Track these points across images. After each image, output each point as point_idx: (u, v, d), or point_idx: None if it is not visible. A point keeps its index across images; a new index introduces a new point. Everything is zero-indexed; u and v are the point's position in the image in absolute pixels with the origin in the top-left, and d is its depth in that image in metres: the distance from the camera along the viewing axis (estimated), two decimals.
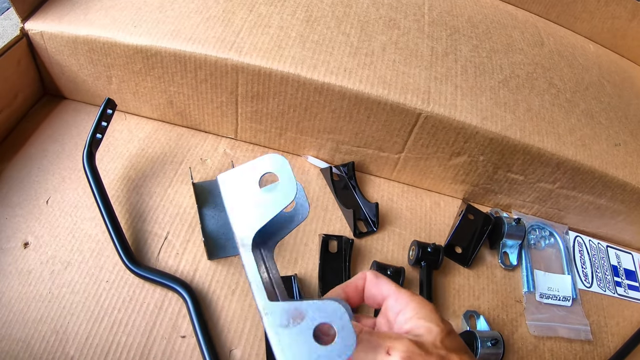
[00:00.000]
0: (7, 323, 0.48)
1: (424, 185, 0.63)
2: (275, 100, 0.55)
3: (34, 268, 0.52)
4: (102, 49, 0.58)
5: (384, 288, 0.31)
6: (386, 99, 0.53)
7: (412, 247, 0.56)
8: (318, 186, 0.60)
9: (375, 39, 0.57)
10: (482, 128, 0.54)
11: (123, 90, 0.62)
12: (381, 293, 0.31)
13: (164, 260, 0.53)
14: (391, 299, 0.30)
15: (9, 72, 0.63)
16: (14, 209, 0.57)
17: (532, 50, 0.67)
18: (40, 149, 0.63)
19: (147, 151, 0.61)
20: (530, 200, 0.62)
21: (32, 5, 0.62)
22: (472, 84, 0.58)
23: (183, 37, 0.55)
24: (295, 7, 0.59)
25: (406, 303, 0.29)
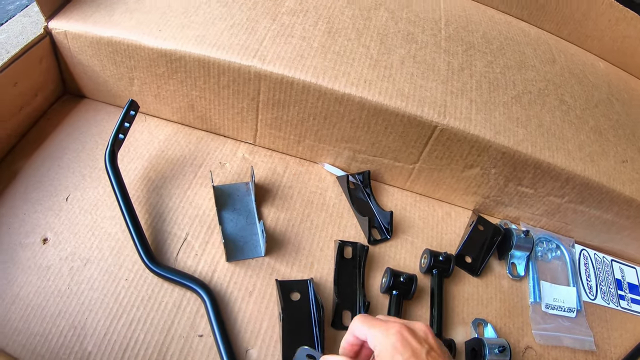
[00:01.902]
0: (25, 317, 0.51)
1: (436, 196, 0.67)
2: (295, 108, 0.59)
3: (53, 264, 0.55)
4: (126, 51, 0.61)
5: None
6: (404, 111, 0.57)
7: (424, 255, 0.59)
8: (334, 193, 0.64)
9: (394, 52, 0.61)
10: (495, 142, 0.58)
11: (144, 92, 0.65)
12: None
13: (182, 261, 0.56)
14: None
15: (30, 70, 0.66)
16: (33, 205, 0.60)
17: (544, 67, 0.71)
18: (60, 147, 0.66)
19: (167, 153, 0.64)
20: (539, 214, 0.66)
21: (57, 5, 0.66)
22: (486, 99, 0.61)
23: (208, 42, 0.59)
24: (317, 19, 0.63)
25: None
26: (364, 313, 0.38)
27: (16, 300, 0.52)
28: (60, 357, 0.48)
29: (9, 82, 0.62)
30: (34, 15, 0.75)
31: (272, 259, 0.56)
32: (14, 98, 0.65)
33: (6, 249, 0.56)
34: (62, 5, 0.66)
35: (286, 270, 0.56)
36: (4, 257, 0.55)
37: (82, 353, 0.49)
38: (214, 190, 0.59)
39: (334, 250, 0.58)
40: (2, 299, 0.52)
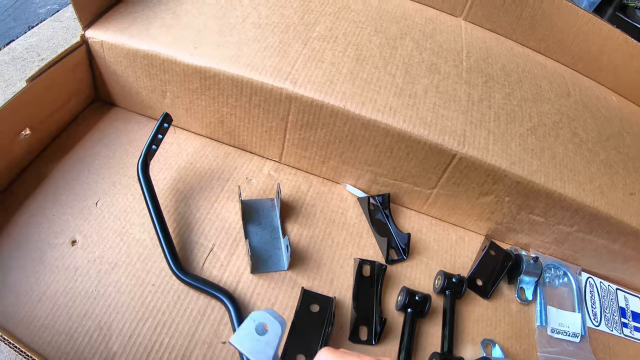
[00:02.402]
0: (51, 315, 0.56)
1: (451, 220, 0.74)
2: (323, 130, 0.65)
3: (81, 265, 0.61)
4: (161, 65, 0.68)
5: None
6: (426, 139, 0.63)
7: (437, 276, 0.66)
8: (355, 213, 0.70)
9: (418, 82, 0.68)
10: (510, 172, 0.64)
11: (176, 105, 0.72)
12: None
13: (208, 270, 0.62)
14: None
15: (65, 76, 0.72)
16: (62, 207, 0.66)
17: (559, 100, 0.78)
18: (91, 153, 0.73)
19: (196, 165, 0.71)
20: (549, 241, 0.72)
21: (94, 14, 0.72)
22: (503, 130, 0.68)
23: (242, 62, 0.65)
24: (346, 45, 0.70)
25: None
26: (332, 348, 0.38)
27: (43, 298, 0.57)
28: (85, 356, 0.53)
29: (45, 87, 0.68)
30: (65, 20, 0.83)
31: (294, 273, 0.62)
32: (48, 102, 0.71)
33: (34, 247, 0.61)
34: (99, 16, 0.73)
35: (307, 284, 0.62)
36: (32, 255, 0.61)
37: (107, 353, 0.54)
38: (242, 204, 0.66)
39: (353, 268, 0.64)
40: (29, 296, 0.57)
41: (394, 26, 0.77)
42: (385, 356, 0.41)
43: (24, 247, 0.61)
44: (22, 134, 0.67)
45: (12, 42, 0.91)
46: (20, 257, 0.60)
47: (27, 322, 0.55)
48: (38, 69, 0.67)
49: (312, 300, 0.59)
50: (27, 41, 0.90)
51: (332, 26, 0.73)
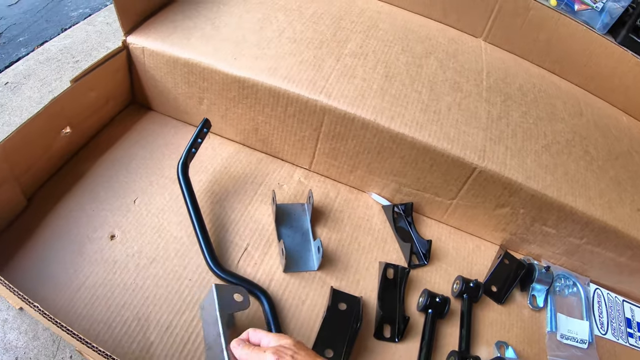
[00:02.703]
0: (90, 305, 0.62)
1: (468, 230, 0.81)
2: (353, 141, 0.73)
3: (120, 259, 0.67)
4: (201, 73, 0.75)
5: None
6: (449, 153, 0.70)
7: (456, 281, 0.73)
8: (379, 220, 0.78)
9: (442, 99, 0.76)
10: (526, 185, 0.71)
11: (212, 112, 0.79)
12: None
13: (242, 268, 0.69)
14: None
15: (106, 79, 0.79)
16: (101, 204, 0.73)
17: (572, 119, 0.85)
18: (128, 153, 0.79)
19: (230, 170, 0.78)
20: (559, 252, 0.80)
21: (136, 22, 0.79)
22: (520, 146, 0.75)
23: (279, 75, 0.73)
24: (375, 63, 0.78)
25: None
26: (299, 348, 0.50)
27: (81, 289, 0.63)
28: (123, 345, 0.59)
29: (87, 88, 0.75)
30: (98, 24, 0.89)
31: (323, 274, 0.69)
32: (89, 103, 0.78)
33: (74, 240, 0.68)
34: (140, 23, 0.80)
35: (335, 285, 0.68)
36: (71, 247, 0.67)
37: (144, 342, 0.60)
38: (276, 208, 0.73)
39: (378, 270, 0.71)
40: (67, 287, 0.63)
41: (419, 46, 0.85)
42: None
43: (64, 239, 0.67)
44: (62, 132, 0.74)
45: (46, 43, 0.98)
46: (59, 248, 0.66)
47: (66, 310, 0.61)
48: (82, 71, 0.74)
49: (340, 299, 0.66)
50: (61, 43, 0.97)
51: (363, 44, 0.81)
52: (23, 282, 0.62)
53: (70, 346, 0.65)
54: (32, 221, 0.69)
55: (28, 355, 0.63)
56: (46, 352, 0.64)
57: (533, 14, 0.91)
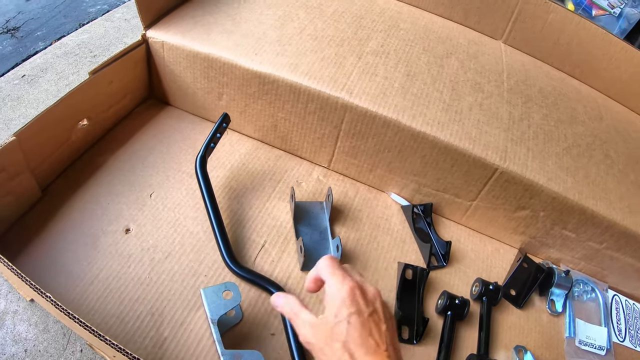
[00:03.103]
0: (103, 298, 0.61)
1: (487, 232, 0.79)
2: (374, 140, 0.72)
3: (134, 253, 0.66)
4: (221, 68, 0.74)
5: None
6: (470, 153, 0.69)
7: (475, 283, 0.71)
8: (398, 220, 0.76)
9: (463, 99, 0.75)
10: (547, 188, 0.70)
11: (231, 107, 0.78)
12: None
13: (259, 265, 0.68)
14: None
15: (125, 73, 0.79)
16: (117, 197, 0.72)
17: (592, 123, 0.84)
18: (145, 147, 0.79)
19: (248, 166, 0.77)
20: (579, 257, 0.78)
21: (156, 16, 0.79)
22: (541, 148, 0.74)
23: (300, 71, 0.72)
24: (397, 61, 0.77)
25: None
26: (343, 266, 0.46)
27: (94, 282, 0.62)
28: (136, 340, 0.58)
29: (105, 81, 0.75)
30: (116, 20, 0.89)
31: None
32: (107, 96, 0.77)
33: (88, 233, 0.67)
34: (160, 18, 0.80)
35: None
36: (85, 240, 0.66)
37: (157, 337, 0.59)
38: (295, 205, 0.72)
39: (396, 271, 0.69)
40: (80, 279, 0.62)
41: (440, 46, 0.84)
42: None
43: (78, 232, 0.67)
44: (80, 124, 0.73)
45: (64, 38, 0.97)
46: (73, 240, 0.66)
47: (78, 303, 0.60)
48: (101, 63, 0.74)
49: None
50: (79, 38, 0.97)
51: (384, 43, 0.80)
52: (35, 274, 0.61)
53: (81, 340, 0.64)
54: (46, 213, 0.68)
55: (38, 348, 0.62)
56: (56, 345, 0.63)
57: (553, 17, 0.90)
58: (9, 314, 0.64)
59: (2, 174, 0.63)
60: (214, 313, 0.56)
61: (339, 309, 0.41)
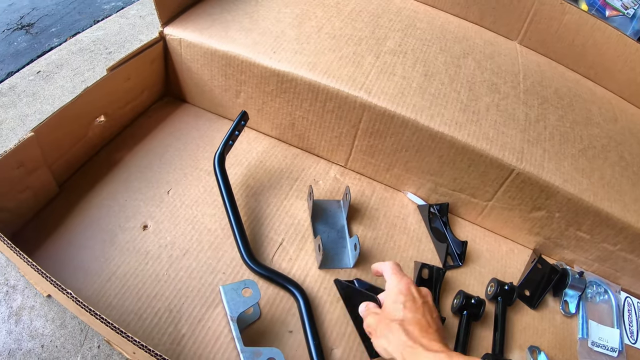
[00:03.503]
0: (120, 294, 0.61)
1: (502, 233, 0.79)
2: (391, 139, 0.71)
3: (152, 250, 0.66)
4: (239, 66, 0.74)
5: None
6: (487, 153, 0.69)
7: (490, 283, 0.71)
8: (415, 220, 0.76)
9: (480, 100, 0.74)
10: (563, 189, 0.70)
11: (249, 105, 0.78)
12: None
13: (277, 263, 0.68)
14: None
15: (142, 70, 0.79)
16: (134, 193, 0.72)
17: (607, 125, 0.84)
18: (162, 144, 0.78)
19: (265, 164, 0.77)
20: (592, 259, 0.78)
21: (173, 13, 0.79)
22: (557, 149, 0.74)
23: (319, 70, 0.71)
24: (414, 61, 0.76)
25: None
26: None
27: (112, 278, 0.62)
28: (154, 336, 0.58)
29: (123, 77, 0.75)
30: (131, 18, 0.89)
31: (358, 271, 0.68)
32: (124, 92, 0.77)
33: (105, 229, 0.67)
34: (177, 15, 0.80)
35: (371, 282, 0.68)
36: (103, 236, 0.66)
37: (175, 334, 0.59)
38: (313, 203, 0.71)
39: (413, 270, 0.70)
40: (98, 275, 0.62)
41: (457, 46, 0.84)
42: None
43: (95, 228, 0.67)
44: (97, 120, 0.73)
45: (79, 34, 0.97)
46: (90, 236, 0.66)
47: (96, 299, 0.60)
48: (118, 60, 0.73)
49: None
50: (94, 34, 0.96)
51: (401, 42, 0.80)
52: (52, 270, 0.60)
53: (98, 336, 0.65)
54: (63, 208, 0.68)
55: (55, 344, 0.63)
56: (73, 341, 0.63)
57: (569, 18, 0.90)
58: (26, 310, 0.64)
59: (20, 169, 0.63)
60: (233, 310, 0.56)
61: (396, 296, 0.52)
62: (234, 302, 0.57)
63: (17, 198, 0.63)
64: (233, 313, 0.56)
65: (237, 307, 0.57)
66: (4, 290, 0.66)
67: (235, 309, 0.57)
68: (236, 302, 0.57)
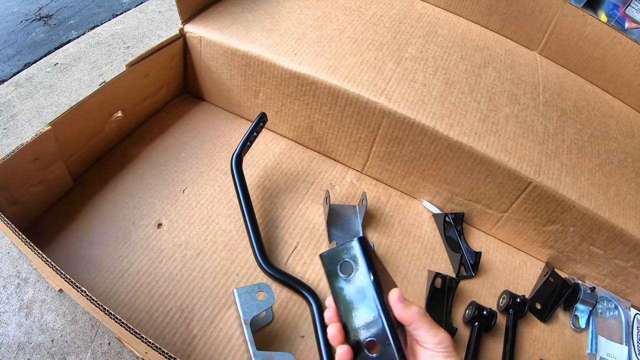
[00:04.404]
0: (133, 292, 0.60)
1: (515, 244, 0.78)
2: (410, 146, 0.70)
3: (166, 248, 0.65)
4: (259, 66, 0.73)
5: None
6: (505, 165, 0.68)
7: (502, 295, 0.70)
8: (429, 228, 0.75)
9: (500, 110, 0.73)
10: (578, 203, 0.69)
11: (267, 106, 0.77)
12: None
13: (291, 267, 0.67)
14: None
15: (161, 66, 0.78)
16: (149, 191, 0.71)
17: (625, 140, 0.83)
18: (179, 142, 0.77)
19: (282, 166, 0.76)
20: (604, 274, 0.77)
21: (194, 10, 0.78)
22: (574, 163, 0.73)
23: (340, 74, 0.70)
24: (435, 69, 0.75)
25: None
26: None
27: (125, 275, 0.61)
28: (165, 335, 0.57)
29: (142, 73, 0.74)
30: (150, 13, 0.88)
31: None
32: (143, 88, 0.76)
33: (119, 225, 0.66)
34: (198, 13, 0.78)
35: None
36: (116, 232, 0.65)
37: (187, 334, 0.58)
38: (329, 208, 0.70)
39: (425, 279, 0.69)
40: (110, 272, 0.61)
41: (478, 54, 0.83)
42: None
43: (109, 224, 0.66)
44: (114, 116, 0.72)
45: (97, 27, 0.96)
46: (103, 232, 0.65)
47: (108, 296, 0.60)
48: (138, 56, 0.72)
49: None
50: (113, 28, 0.95)
51: (422, 49, 0.78)
52: (64, 264, 0.60)
53: (109, 333, 0.64)
54: (77, 203, 0.68)
55: (65, 339, 0.62)
56: (84, 337, 0.62)
57: (590, 30, 0.88)
58: (37, 303, 0.64)
59: (36, 163, 0.62)
60: (246, 313, 0.55)
61: None
62: (248, 306, 0.56)
63: (31, 191, 0.63)
64: (247, 316, 0.55)
65: (250, 311, 0.56)
66: (16, 283, 0.65)
67: (249, 312, 0.56)
68: (250, 306, 0.56)
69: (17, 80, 0.90)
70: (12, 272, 0.66)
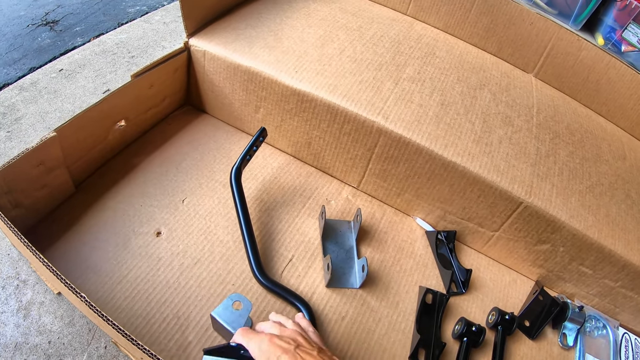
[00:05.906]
0: (130, 298, 0.63)
1: (506, 263, 0.82)
2: (405, 165, 0.74)
3: (164, 257, 0.68)
4: (261, 82, 0.77)
5: None
6: (497, 185, 0.71)
7: (492, 312, 0.73)
8: (422, 245, 0.79)
9: (494, 132, 0.77)
10: (569, 224, 0.72)
11: (267, 121, 0.80)
12: None
13: (286, 279, 0.70)
14: None
15: (165, 78, 0.81)
16: (149, 199, 0.74)
17: (616, 162, 0.86)
18: (180, 152, 0.81)
19: (280, 180, 0.79)
20: (593, 293, 0.80)
21: (200, 24, 0.81)
22: (565, 185, 0.77)
23: (339, 92, 0.74)
24: (432, 90, 0.79)
25: None
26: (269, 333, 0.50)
27: (123, 281, 0.64)
28: (161, 341, 0.60)
29: (146, 84, 0.78)
30: (155, 23, 0.91)
31: (364, 292, 0.70)
32: (147, 99, 0.80)
33: (119, 232, 0.69)
34: (203, 27, 0.82)
35: (375, 304, 0.69)
36: (116, 239, 0.68)
37: (182, 341, 0.61)
38: (325, 222, 0.73)
39: (417, 294, 0.72)
40: (109, 277, 0.64)
41: (474, 76, 0.87)
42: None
43: (109, 231, 0.69)
44: (117, 125, 0.76)
45: (102, 35, 1.00)
46: (103, 238, 0.68)
47: (106, 301, 0.62)
48: (143, 67, 0.76)
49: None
50: (118, 37, 0.99)
51: (420, 70, 0.82)
52: (63, 268, 0.64)
53: (106, 337, 0.66)
54: (78, 209, 0.71)
55: (62, 341, 0.65)
56: (80, 340, 0.65)
57: (585, 54, 0.93)
58: (35, 305, 0.66)
59: (40, 167, 0.65)
60: (235, 327, 0.56)
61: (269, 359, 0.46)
62: (232, 320, 0.56)
63: (34, 195, 0.66)
64: (235, 325, 0.56)
65: (236, 323, 0.56)
66: (15, 284, 0.68)
67: (237, 325, 0.56)
68: (233, 319, 0.57)
69: (22, 84, 0.93)
70: (11, 273, 0.69)
